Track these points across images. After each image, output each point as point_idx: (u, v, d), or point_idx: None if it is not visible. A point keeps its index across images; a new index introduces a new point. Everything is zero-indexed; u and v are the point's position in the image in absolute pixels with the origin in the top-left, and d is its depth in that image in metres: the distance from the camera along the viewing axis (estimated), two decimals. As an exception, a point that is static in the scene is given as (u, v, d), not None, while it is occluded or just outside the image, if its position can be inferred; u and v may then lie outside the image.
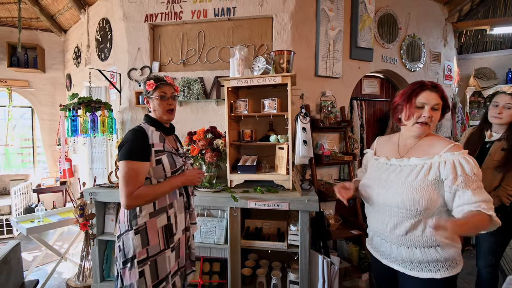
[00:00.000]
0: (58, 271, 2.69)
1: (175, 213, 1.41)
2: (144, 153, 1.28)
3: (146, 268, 1.28)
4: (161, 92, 1.40)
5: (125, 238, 1.30)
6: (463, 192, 1.00)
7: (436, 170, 1.06)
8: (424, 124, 1.10)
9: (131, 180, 1.23)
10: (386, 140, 1.35)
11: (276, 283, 2.08)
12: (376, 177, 1.23)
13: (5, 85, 4.28)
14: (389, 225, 1.15)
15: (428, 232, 1.07)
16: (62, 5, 3.84)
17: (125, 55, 2.79)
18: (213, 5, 2.57)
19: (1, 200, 3.86)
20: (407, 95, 1.13)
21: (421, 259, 1.10)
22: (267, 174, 2.13)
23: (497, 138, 1.65)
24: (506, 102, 1.60)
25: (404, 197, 1.08)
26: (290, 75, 1.98)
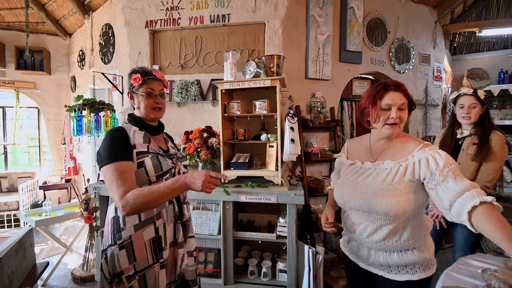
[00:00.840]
0: (63, 262, 2.86)
1: (164, 224, 1.21)
2: (125, 153, 1.11)
3: (135, 283, 1.13)
4: (148, 88, 1.22)
5: (109, 253, 1.15)
6: (445, 185, 0.96)
7: (411, 171, 1.04)
8: (393, 125, 1.08)
9: (119, 181, 1.04)
10: (357, 142, 1.33)
11: (266, 271, 2.23)
12: (351, 181, 1.19)
13: (12, 86, 4.47)
14: (367, 231, 1.12)
15: (405, 236, 1.06)
16: (67, 10, 4.02)
17: (127, 59, 2.96)
18: (209, 12, 2.73)
19: (10, 196, 4.05)
20: (371, 97, 1.10)
21: (399, 263, 1.08)
22: (258, 170, 2.29)
23: (468, 134, 1.79)
24: (471, 102, 1.74)
25: (382, 203, 1.04)
26: (279, 78, 2.13)
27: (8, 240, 1.25)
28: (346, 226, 1.25)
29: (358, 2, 2.94)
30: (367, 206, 1.09)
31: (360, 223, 1.15)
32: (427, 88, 3.70)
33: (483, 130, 1.72)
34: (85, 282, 2.53)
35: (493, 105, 5.08)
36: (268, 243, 2.41)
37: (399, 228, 1.06)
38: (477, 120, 1.75)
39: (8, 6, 4.17)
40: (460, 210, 0.90)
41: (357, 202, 1.13)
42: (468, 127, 1.79)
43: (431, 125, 3.76)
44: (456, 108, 1.85)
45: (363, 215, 1.13)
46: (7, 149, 4.67)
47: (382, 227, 1.08)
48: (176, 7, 2.78)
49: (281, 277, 2.22)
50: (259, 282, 2.23)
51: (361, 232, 1.14)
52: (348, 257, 1.29)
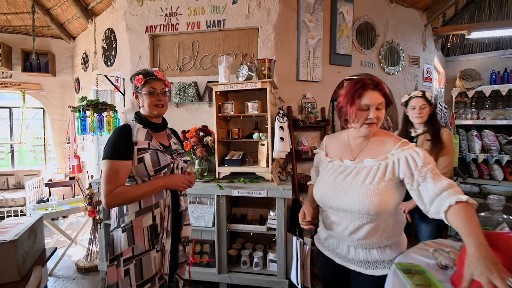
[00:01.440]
0: (68, 254, 3.03)
1: (161, 213, 1.35)
2: (125, 152, 1.24)
3: (131, 267, 1.26)
4: (150, 87, 1.34)
5: (115, 234, 1.31)
6: (424, 185, 0.99)
7: (391, 169, 1.06)
8: (371, 125, 1.09)
9: (110, 179, 1.20)
10: (335, 139, 1.31)
11: (258, 261, 2.39)
12: (331, 180, 1.18)
13: (19, 88, 4.65)
14: (348, 229, 1.12)
15: (385, 232, 1.10)
16: (71, 14, 4.19)
17: (128, 62, 3.12)
18: (206, 17, 2.89)
19: (16, 193, 4.23)
20: (350, 96, 1.08)
21: (378, 259, 1.11)
22: (250, 167, 2.44)
23: (421, 132, 1.96)
24: (421, 104, 1.91)
25: (363, 203, 1.05)
26: (269, 81, 2.28)
27: (21, 225, 1.41)
28: (325, 225, 1.24)
29: (347, 7, 3.09)
30: (348, 207, 1.09)
31: (341, 222, 1.15)
32: (416, 89, 3.83)
33: (433, 128, 1.91)
34: (88, 272, 2.70)
35: (485, 106, 5.20)
36: (260, 236, 2.57)
37: (380, 226, 1.09)
38: (427, 119, 1.94)
39: (14, 11, 4.35)
40: (438, 209, 0.96)
41: (337, 203, 1.12)
42: (420, 126, 1.97)
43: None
44: (408, 110, 2.02)
45: (344, 215, 1.13)
46: (14, 148, 4.86)
47: (363, 226, 1.09)
48: (175, 13, 2.94)
49: (271, 266, 2.37)
50: (251, 272, 2.38)
51: (342, 231, 1.14)
52: (322, 253, 1.29)
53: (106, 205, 1.22)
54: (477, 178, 5.02)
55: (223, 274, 2.35)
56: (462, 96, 5.31)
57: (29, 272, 1.30)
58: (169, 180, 1.34)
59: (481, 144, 4.91)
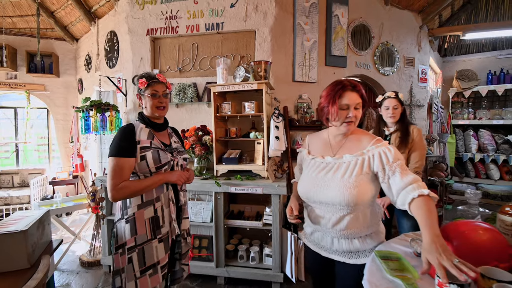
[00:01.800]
0: (72, 250, 3.13)
1: (162, 207, 1.44)
2: (128, 150, 1.34)
3: (134, 255, 1.36)
4: (152, 90, 1.43)
5: (119, 225, 1.41)
6: (393, 179, 1.09)
7: (367, 164, 1.15)
8: (350, 123, 1.17)
9: (115, 174, 1.30)
10: (317, 137, 1.39)
11: (254, 255, 2.48)
12: (314, 176, 1.25)
13: (24, 88, 4.77)
14: (331, 221, 1.19)
15: (365, 223, 1.18)
16: (74, 17, 4.30)
17: (130, 64, 3.22)
18: (205, 20, 2.99)
19: (21, 191, 4.35)
20: (331, 97, 1.16)
21: (360, 248, 1.19)
22: (247, 165, 2.54)
23: (394, 130, 2.09)
24: (394, 104, 2.04)
25: (344, 195, 1.12)
26: (265, 82, 2.38)
27: (30, 217, 1.50)
28: (311, 219, 1.31)
29: (342, 10, 3.17)
30: (330, 200, 1.16)
31: (324, 215, 1.22)
32: (412, 89, 3.91)
33: (403, 125, 2.05)
34: (91, 267, 2.80)
35: (482, 105, 5.27)
36: (257, 232, 2.65)
37: (359, 216, 1.17)
38: (398, 119, 2.07)
39: (19, 14, 4.46)
40: (403, 201, 1.05)
41: (321, 197, 1.19)
42: (393, 124, 2.10)
43: (416, 124, 3.96)
44: (381, 110, 2.13)
45: (327, 208, 1.20)
46: (19, 147, 4.98)
47: (345, 217, 1.17)
48: (175, 16, 3.04)
49: (267, 261, 2.46)
50: (247, 266, 2.47)
51: (325, 223, 1.22)
52: (309, 248, 1.37)
53: (112, 198, 1.32)
54: (473, 178, 5.10)
55: (221, 268, 2.45)
56: (459, 96, 5.39)
57: (38, 261, 1.40)
58: (168, 175, 1.44)
59: (477, 143, 4.99)
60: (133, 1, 3.14)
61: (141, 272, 1.37)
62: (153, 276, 1.40)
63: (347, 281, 1.24)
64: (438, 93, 5.36)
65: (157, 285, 1.41)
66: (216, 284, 2.48)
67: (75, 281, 2.56)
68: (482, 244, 0.93)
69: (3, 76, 4.66)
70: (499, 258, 0.89)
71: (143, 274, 1.38)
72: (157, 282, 1.41)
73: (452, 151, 5.11)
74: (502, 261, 0.88)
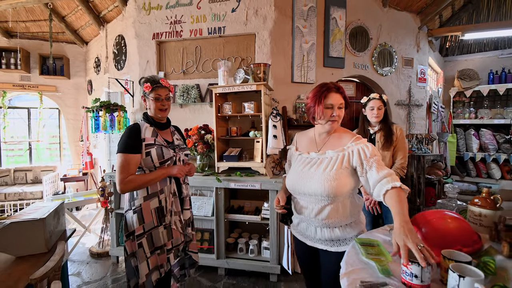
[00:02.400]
0: (82, 242, 3.31)
1: (166, 198, 1.58)
2: (134, 147, 1.48)
3: (144, 240, 1.51)
4: (156, 94, 1.56)
5: (127, 215, 1.55)
6: (370, 173, 1.19)
7: (347, 159, 1.26)
8: (334, 121, 1.29)
9: (123, 169, 1.44)
10: (304, 135, 1.51)
11: (253, 248, 2.61)
12: (299, 170, 1.36)
13: (36, 90, 5.00)
14: (313, 211, 1.30)
15: (344, 213, 1.28)
16: (84, 21, 4.50)
17: (137, 66, 3.39)
18: (207, 25, 3.13)
19: (34, 187, 4.57)
20: (317, 97, 1.28)
21: (341, 236, 1.29)
22: (246, 162, 2.67)
23: (377, 130, 2.22)
24: (378, 105, 2.16)
25: (324, 187, 1.22)
26: (263, 83, 2.50)
27: (46, 208, 1.67)
28: (296, 210, 1.42)
29: (340, 12, 3.28)
30: (313, 191, 1.27)
31: (308, 206, 1.33)
32: (410, 89, 3.99)
33: (386, 125, 2.19)
34: (100, 257, 2.98)
35: (483, 105, 5.29)
36: (256, 226, 2.79)
37: (339, 207, 1.27)
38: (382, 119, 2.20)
39: (33, 19, 4.68)
40: (378, 192, 1.15)
41: (305, 189, 1.30)
42: (377, 124, 2.22)
43: (415, 124, 4.04)
44: (366, 110, 2.25)
45: (310, 199, 1.31)
46: (32, 145, 5.22)
47: (326, 207, 1.27)
48: (179, 21, 3.19)
49: (265, 253, 2.59)
50: (246, 258, 2.61)
51: (309, 213, 1.32)
52: (297, 238, 1.48)
53: (121, 190, 1.46)
54: (474, 177, 5.13)
55: (221, 260, 2.59)
56: (460, 96, 5.41)
57: (54, 247, 1.56)
58: (170, 169, 1.57)
59: (478, 143, 5.02)
60: (139, 6, 3.31)
61: (151, 252, 1.53)
62: (161, 255, 1.57)
63: (330, 268, 1.33)
64: (439, 93, 5.40)
65: (164, 262, 1.57)
66: (217, 274, 2.62)
67: (85, 270, 2.73)
68: (448, 231, 1.04)
69: (17, 78, 4.89)
70: (463, 243, 1.00)
71: (153, 254, 1.54)
72: (164, 260, 1.57)
73: (453, 150, 5.15)
74: (466, 246, 0.99)
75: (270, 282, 2.51)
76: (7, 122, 5.00)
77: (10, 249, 1.44)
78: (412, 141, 3.97)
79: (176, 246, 1.63)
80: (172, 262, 1.62)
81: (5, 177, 4.67)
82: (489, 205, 1.09)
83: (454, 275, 0.76)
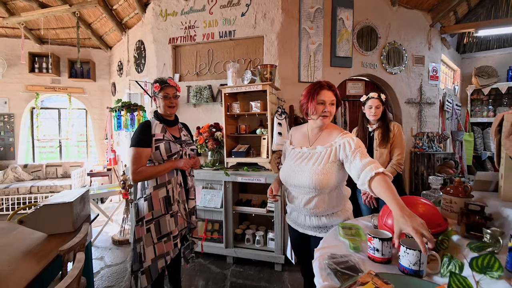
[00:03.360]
0: (105, 231, 3.62)
1: (173, 188, 1.74)
2: (146, 142, 1.65)
3: (151, 226, 1.68)
4: (164, 93, 1.73)
5: (139, 203, 1.73)
6: (354, 162, 1.26)
7: (334, 153, 1.35)
8: (325, 117, 1.38)
9: (135, 161, 1.62)
10: (298, 130, 1.60)
11: (259, 239, 2.77)
12: (292, 164, 1.47)
13: (66, 92, 5.44)
14: (303, 201, 1.41)
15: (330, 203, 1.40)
16: (108, 28, 4.85)
17: (155, 69, 3.65)
18: (219, 29, 3.32)
19: (64, 181, 4.99)
20: (310, 94, 1.38)
21: (327, 224, 1.42)
22: (253, 158, 2.84)
23: (376, 127, 2.30)
24: (376, 104, 2.24)
25: (313, 179, 1.33)
26: (269, 83, 2.65)
27: (74, 194, 1.92)
28: (288, 200, 1.54)
29: (347, 13, 3.36)
30: (302, 183, 1.37)
31: (298, 196, 1.44)
32: (421, 87, 3.98)
33: (384, 123, 2.26)
34: (121, 244, 3.25)
35: (503, 103, 5.12)
36: (263, 219, 2.95)
37: (326, 198, 1.38)
38: (380, 117, 2.28)
39: (62, 26, 5.10)
40: (363, 180, 1.20)
41: (295, 181, 1.41)
42: (375, 122, 2.31)
43: (426, 122, 4.03)
44: (365, 108, 2.33)
45: (299, 190, 1.42)
46: (62, 143, 5.68)
47: (314, 198, 1.38)
48: (193, 26, 3.41)
49: (270, 244, 2.75)
50: (253, 248, 2.77)
51: (299, 203, 1.44)
52: (290, 226, 1.61)
53: (133, 180, 1.66)
54: (493, 176, 4.97)
55: (230, 249, 2.77)
56: (478, 94, 5.27)
57: (79, 227, 1.80)
58: (177, 162, 1.75)
59: (497, 141, 4.86)
60: (157, 13, 3.56)
61: (158, 239, 1.70)
62: (167, 243, 1.74)
63: None
64: (456, 91, 5.29)
65: (170, 250, 1.75)
66: (226, 262, 2.80)
67: (107, 255, 3.01)
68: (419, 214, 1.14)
69: (48, 81, 5.36)
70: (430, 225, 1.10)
71: (159, 240, 1.72)
72: (170, 247, 1.75)
73: (470, 149, 5.03)
74: (431, 228, 1.09)
75: (275, 271, 2.65)
76: (40, 121, 5.49)
77: (43, 228, 1.69)
78: (422, 139, 3.97)
79: (181, 230, 1.83)
80: (179, 247, 1.81)
81: (38, 172, 5.13)
82: (460, 193, 1.19)
83: (402, 247, 0.89)
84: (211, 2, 3.33)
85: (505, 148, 1.10)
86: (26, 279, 1.20)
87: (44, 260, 1.38)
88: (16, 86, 5.20)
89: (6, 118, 5.17)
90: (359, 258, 1.00)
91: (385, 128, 2.25)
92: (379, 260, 0.99)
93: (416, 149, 3.87)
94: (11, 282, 1.17)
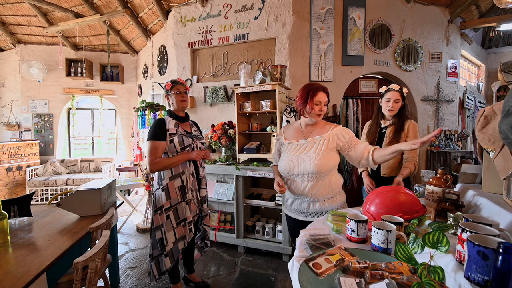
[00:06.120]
0: (130, 220, 3.96)
1: (186, 178, 1.95)
2: (161, 135, 1.85)
3: (170, 213, 1.88)
4: (176, 89, 1.97)
5: (157, 193, 1.91)
6: (353, 150, 1.56)
7: (331, 141, 1.57)
8: (320, 115, 1.60)
9: (152, 153, 1.82)
10: (290, 127, 1.78)
11: (269, 231, 2.93)
12: (292, 155, 1.63)
13: (98, 93, 5.94)
14: (307, 188, 1.57)
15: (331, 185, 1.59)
16: (134, 34, 5.24)
17: (175, 72, 3.93)
18: (233, 32, 3.52)
19: (96, 174, 5.46)
20: (308, 95, 1.56)
21: (329, 207, 1.58)
22: (263, 154, 3.00)
23: (390, 124, 2.12)
24: (396, 97, 2.03)
25: (316, 165, 1.51)
26: (278, 83, 2.80)
27: (102, 182, 2.20)
28: (291, 190, 1.67)
29: (358, 12, 3.41)
30: (306, 171, 1.55)
31: (302, 183, 1.60)
32: (439, 84, 3.90)
33: (399, 120, 2.07)
34: (144, 232, 3.56)
35: (534, 99, 4.82)
36: (273, 212, 3.10)
37: (326, 181, 1.58)
38: (397, 112, 2.08)
39: (94, 33, 5.58)
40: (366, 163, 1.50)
41: (299, 169, 1.57)
42: (390, 118, 2.12)
43: (443, 119, 3.94)
44: (382, 101, 2.13)
45: (303, 177, 1.58)
46: (94, 140, 6.20)
47: (317, 182, 1.56)
48: (209, 30, 3.64)
49: (279, 236, 2.89)
50: (262, 239, 2.93)
51: (303, 190, 1.59)
52: (289, 216, 1.73)
53: (150, 170, 1.88)
54: (520, 176, 4.73)
55: (241, 239, 2.95)
56: (505, 90, 5.02)
57: (107, 211, 2.07)
58: (190, 154, 1.97)
59: (525, 140, 4.62)
60: (177, 20, 3.83)
61: (177, 224, 1.92)
62: (184, 227, 1.96)
63: None
64: (480, 88, 5.09)
65: (186, 234, 1.97)
66: (237, 252, 2.99)
67: (132, 241, 3.32)
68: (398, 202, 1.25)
69: (82, 84, 5.87)
70: (405, 211, 1.20)
71: (178, 225, 1.94)
72: (186, 231, 1.97)
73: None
74: (407, 214, 1.19)
75: (283, 261, 2.80)
76: (75, 121, 6.03)
77: (76, 210, 1.97)
78: (439, 137, 3.90)
79: (194, 216, 2.03)
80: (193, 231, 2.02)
81: (73, 166, 5.66)
82: (442, 184, 1.27)
83: (373, 228, 1.01)
84: (226, 7, 3.53)
85: (478, 140, 1.17)
86: (61, 249, 1.46)
87: (76, 235, 1.65)
88: (55, 89, 5.77)
89: (47, 118, 5.75)
90: (337, 238, 1.13)
91: (399, 126, 2.06)
92: (355, 240, 1.11)
93: (432, 147, 3.82)
94: (50, 250, 1.44)
